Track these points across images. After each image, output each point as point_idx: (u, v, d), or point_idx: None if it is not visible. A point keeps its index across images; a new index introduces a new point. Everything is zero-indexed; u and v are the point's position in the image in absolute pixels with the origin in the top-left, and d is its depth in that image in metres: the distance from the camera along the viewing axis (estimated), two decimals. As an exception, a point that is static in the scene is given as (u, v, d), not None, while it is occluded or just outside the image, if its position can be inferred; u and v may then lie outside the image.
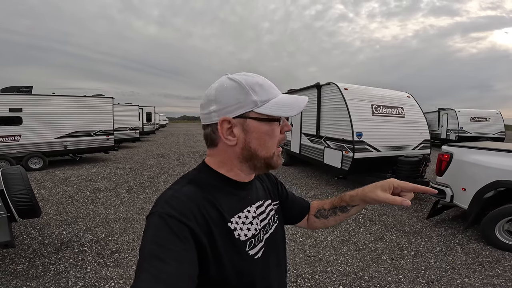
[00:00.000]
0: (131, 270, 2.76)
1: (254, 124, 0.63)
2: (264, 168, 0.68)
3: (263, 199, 0.78)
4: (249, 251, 0.65)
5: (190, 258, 0.52)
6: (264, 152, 0.65)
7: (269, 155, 0.65)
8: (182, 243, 0.52)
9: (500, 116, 14.88)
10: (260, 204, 0.75)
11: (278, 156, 0.68)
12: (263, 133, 0.63)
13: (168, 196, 0.59)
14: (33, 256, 2.99)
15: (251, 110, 0.62)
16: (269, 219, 0.77)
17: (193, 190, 0.62)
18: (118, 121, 12.26)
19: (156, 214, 0.55)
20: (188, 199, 0.59)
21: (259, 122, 0.63)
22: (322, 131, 6.58)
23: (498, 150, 3.50)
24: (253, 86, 0.62)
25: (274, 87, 0.67)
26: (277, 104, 0.63)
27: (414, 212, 4.56)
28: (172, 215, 0.54)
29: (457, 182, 3.78)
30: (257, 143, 0.64)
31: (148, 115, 20.16)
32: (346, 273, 2.76)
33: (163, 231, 0.52)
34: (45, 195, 5.29)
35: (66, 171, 7.68)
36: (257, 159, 0.65)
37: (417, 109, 6.51)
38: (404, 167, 5.44)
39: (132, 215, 4.27)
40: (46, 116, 8.01)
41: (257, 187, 0.79)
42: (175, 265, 0.49)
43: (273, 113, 0.62)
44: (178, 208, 0.56)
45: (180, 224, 0.54)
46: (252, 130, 0.63)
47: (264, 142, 0.64)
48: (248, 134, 0.64)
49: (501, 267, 2.86)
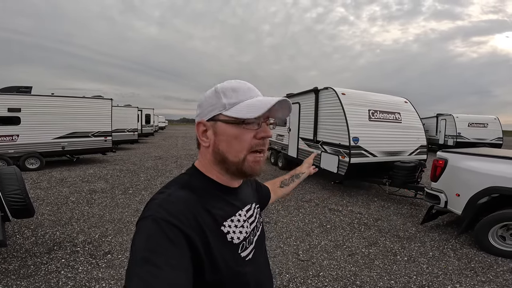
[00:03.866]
0: (123, 271, 2.75)
1: (222, 127, 0.64)
2: (238, 174, 0.67)
3: (251, 202, 0.80)
4: (241, 253, 0.67)
5: (184, 264, 0.51)
6: (232, 156, 0.64)
7: (237, 160, 0.64)
8: (177, 249, 0.51)
9: (498, 122, 14.93)
10: (249, 208, 0.77)
11: (253, 163, 0.65)
12: (230, 136, 0.64)
13: (161, 200, 0.59)
14: (25, 256, 2.99)
15: (219, 113, 0.64)
16: (257, 221, 0.79)
17: (186, 194, 0.62)
18: (117, 123, 12.28)
19: (150, 219, 0.54)
20: (182, 204, 0.59)
21: (226, 125, 0.64)
22: (319, 136, 6.60)
23: (492, 157, 3.52)
24: (225, 91, 0.65)
25: (252, 91, 0.67)
26: (246, 106, 0.63)
27: (409, 217, 4.57)
28: (167, 220, 0.53)
29: (452, 188, 3.80)
30: (225, 145, 0.65)
31: (147, 117, 20.17)
32: (338, 278, 2.76)
33: (157, 236, 0.51)
34: (41, 196, 5.28)
35: (63, 172, 7.67)
36: (227, 163, 0.65)
37: (414, 114, 6.54)
38: (400, 172, 5.45)
39: (127, 217, 4.26)
40: (45, 116, 8.01)
41: (246, 191, 0.81)
42: (169, 270, 0.48)
43: (238, 115, 0.62)
44: (172, 213, 0.55)
45: (175, 229, 0.53)
46: (221, 132, 0.65)
47: (231, 145, 0.64)
48: (217, 136, 0.65)
49: (493, 273, 2.86)
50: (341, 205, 5.18)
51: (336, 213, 4.69)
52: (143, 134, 19.73)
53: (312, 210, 4.82)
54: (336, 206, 5.08)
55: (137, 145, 15.65)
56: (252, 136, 0.64)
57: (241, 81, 0.68)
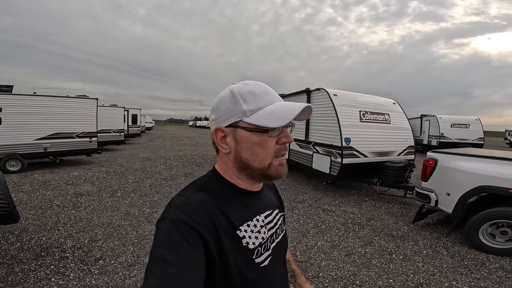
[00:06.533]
0: (118, 277, 2.64)
1: (243, 134, 0.62)
2: (262, 178, 0.67)
3: (272, 208, 0.78)
4: (256, 259, 0.65)
5: (199, 264, 0.52)
6: (257, 163, 0.63)
7: (263, 166, 0.63)
8: (192, 249, 0.52)
9: (479, 123, 15.54)
10: (269, 214, 0.75)
11: (279, 166, 0.64)
12: (253, 144, 0.62)
13: (179, 202, 0.60)
14: (12, 263, 2.82)
15: (240, 120, 0.61)
16: (277, 228, 0.77)
17: (203, 197, 0.62)
18: (102, 123, 11.93)
19: (168, 220, 0.55)
20: (199, 206, 0.59)
21: (249, 132, 0.61)
22: (311, 137, 6.64)
23: (480, 157, 3.63)
24: (244, 95, 0.62)
25: (270, 94, 0.65)
26: (268, 113, 0.61)
27: (400, 217, 4.65)
28: (183, 221, 0.54)
29: (442, 187, 3.90)
30: (249, 153, 0.63)
31: (133, 117, 19.72)
32: (338, 278, 2.76)
33: (173, 236, 0.53)
34: (23, 199, 5.03)
35: (46, 174, 7.36)
36: (251, 169, 0.64)
37: (402, 115, 6.70)
38: (390, 172, 5.56)
39: (117, 220, 4.12)
40: (26, 116, 7.65)
41: (267, 196, 0.79)
42: (184, 270, 0.49)
43: (261, 123, 0.60)
44: (189, 214, 0.56)
45: (191, 230, 0.54)
46: (242, 140, 0.62)
47: (256, 153, 0.62)
48: (239, 144, 0.63)
49: (487, 270, 2.95)
50: (334, 205, 5.22)
51: (330, 214, 4.72)
52: (130, 135, 19.29)
53: (306, 211, 4.83)
54: (329, 207, 5.11)
55: (123, 146, 15.24)
56: (275, 142, 0.63)
57: (258, 82, 0.66)
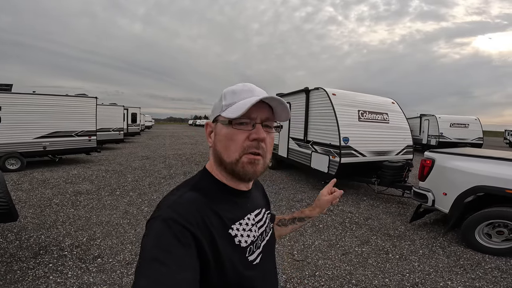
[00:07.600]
0: (115, 275, 2.66)
1: (219, 127, 0.67)
2: (233, 175, 0.66)
3: (260, 207, 0.81)
4: (249, 257, 0.67)
5: (192, 265, 0.52)
6: (226, 156, 0.65)
7: (231, 160, 0.64)
8: (185, 249, 0.52)
9: (478, 123, 15.54)
10: (258, 212, 0.77)
11: (247, 164, 0.63)
12: (223, 136, 0.65)
13: (171, 202, 0.60)
14: (11, 261, 2.84)
15: (219, 114, 0.66)
16: (266, 226, 0.80)
17: (195, 196, 0.63)
18: (102, 122, 11.93)
19: (159, 219, 0.55)
20: (191, 205, 0.60)
21: (222, 125, 0.66)
22: (310, 136, 6.65)
23: (477, 157, 3.64)
24: (226, 93, 0.67)
25: (249, 92, 0.66)
26: (235, 107, 0.63)
27: (398, 216, 4.67)
28: (175, 220, 0.54)
29: (439, 187, 3.91)
30: (221, 146, 0.66)
31: (133, 116, 19.72)
32: (334, 277, 2.78)
33: (165, 235, 0.52)
34: (22, 198, 5.04)
35: (45, 173, 7.37)
36: (223, 163, 0.66)
37: (400, 115, 6.71)
38: (388, 172, 5.57)
39: (116, 219, 4.14)
40: (26, 115, 7.65)
41: (256, 195, 0.82)
42: (176, 270, 0.48)
43: (226, 114, 0.64)
44: (182, 214, 0.56)
45: (183, 229, 0.54)
46: (217, 132, 0.67)
47: (226, 145, 0.65)
48: (216, 137, 0.68)
49: (482, 270, 2.97)
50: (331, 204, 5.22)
51: (328, 213, 4.74)
52: (129, 134, 19.29)
53: (304, 210, 4.84)
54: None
55: (123, 145, 15.25)
56: (245, 137, 0.64)
57: (247, 83, 0.69)
